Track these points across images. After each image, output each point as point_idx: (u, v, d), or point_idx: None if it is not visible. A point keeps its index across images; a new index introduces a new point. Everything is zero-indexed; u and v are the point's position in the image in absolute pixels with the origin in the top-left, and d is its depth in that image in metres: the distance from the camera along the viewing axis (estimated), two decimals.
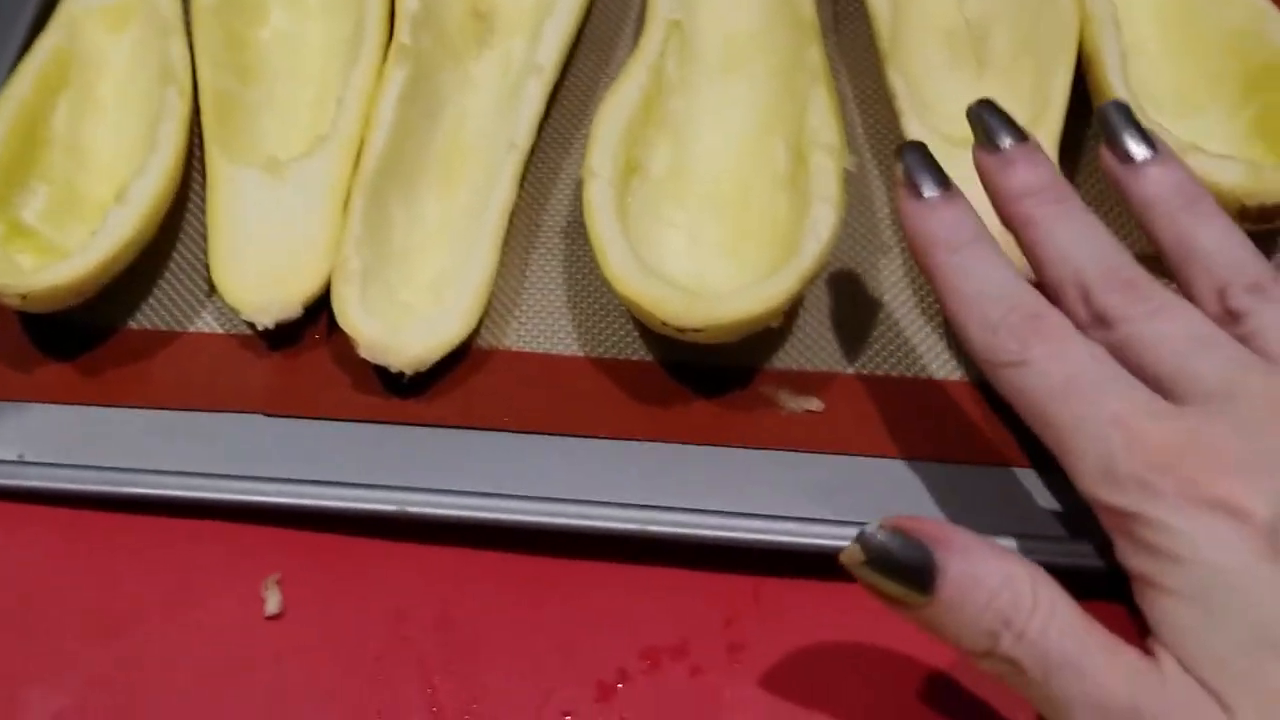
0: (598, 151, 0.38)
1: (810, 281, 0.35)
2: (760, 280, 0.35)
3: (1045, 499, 0.35)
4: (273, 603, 0.36)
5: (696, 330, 0.35)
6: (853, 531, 0.34)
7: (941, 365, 0.38)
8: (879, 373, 0.38)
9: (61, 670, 0.35)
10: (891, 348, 0.38)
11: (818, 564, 0.35)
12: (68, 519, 0.37)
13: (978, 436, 0.36)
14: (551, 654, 0.35)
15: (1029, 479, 0.36)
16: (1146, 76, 0.41)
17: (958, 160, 0.38)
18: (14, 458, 0.37)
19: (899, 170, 0.33)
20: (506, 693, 0.34)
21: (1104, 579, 0.32)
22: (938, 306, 0.39)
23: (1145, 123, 0.36)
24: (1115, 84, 0.38)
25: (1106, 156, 0.33)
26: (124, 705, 0.34)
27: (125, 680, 0.35)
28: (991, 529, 0.34)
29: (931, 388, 0.37)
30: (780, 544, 0.35)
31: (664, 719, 0.33)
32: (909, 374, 0.38)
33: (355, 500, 0.36)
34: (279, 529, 0.37)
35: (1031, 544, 0.34)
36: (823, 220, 0.36)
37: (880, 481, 0.36)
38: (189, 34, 0.44)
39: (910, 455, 0.36)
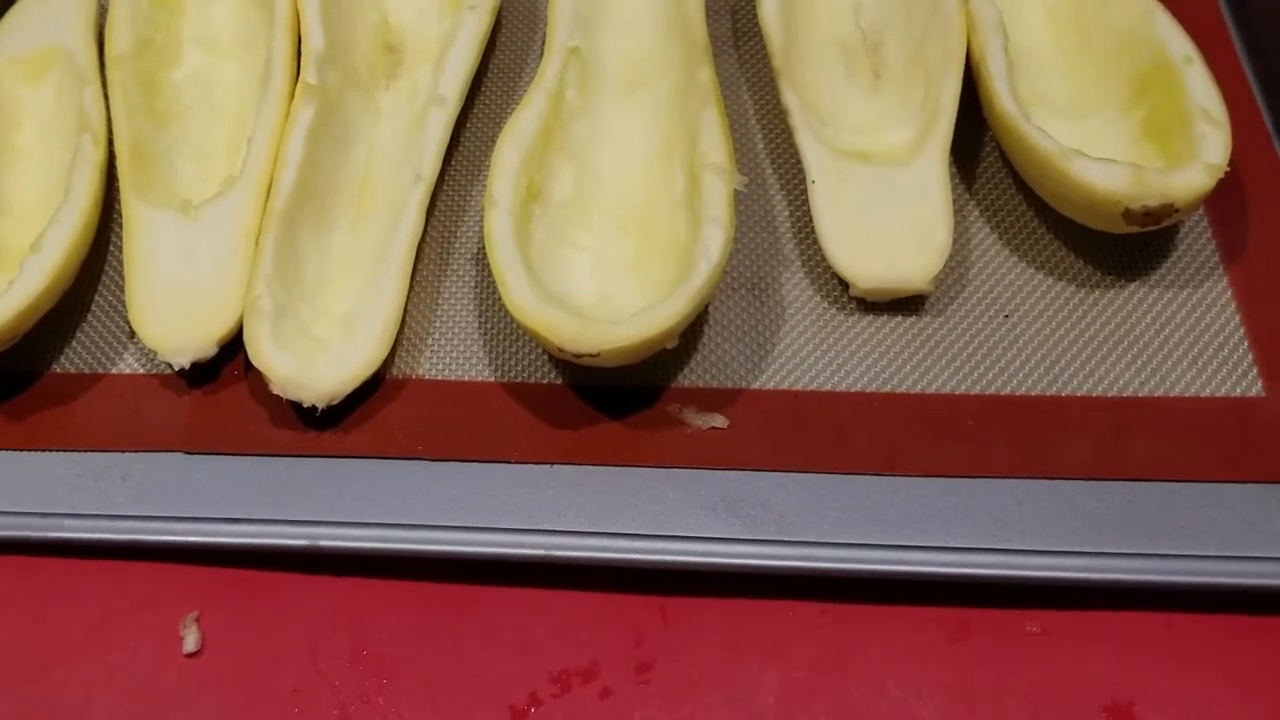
0: (498, 181, 0.39)
1: (703, 302, 0.36)
2: (657, 301, 0.36)
3: (943, 504, 0.36)
4: (191, 640, 0.36)
5: (592, 355, 0.35)
6: (759, 550, 0.35)
7: (843, 377, 0.38)
8: (782, 388, 0.38)
9: None
10: (795, 362, 0.39)
11: (724, 582, 0.36)
12: None
13: (879, 448, 0.37)
14: (464, 680, 0.35)
15: (932, 487, 0.36)
16: (1038, 80, 0.41)
17: (851, 173, 0.39)
18: None
19: None
20: None
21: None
22: (839, 319, 0.39)
23: (1031, 129, 0.36)
24: (1001, 91, 0.38)
25: None
26: None
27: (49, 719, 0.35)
28: (891, 537, 0.35)
29: (834, 400, 0.38)
30: (686, 564, 0.35)
31: None
32: (811, 388, 0.38)
33: (269, 536, 0.36)
34: (197, 566, 0.37)
35: (921, 555, 0.34)
36: (713, 241, 0.36)
37: (784, 497, 0.36)
38: (104, 81, 0.45)
39: (814, 468, 0.36)
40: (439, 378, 0.40)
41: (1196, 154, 0.36)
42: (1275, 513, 0.35)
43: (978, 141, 0.43)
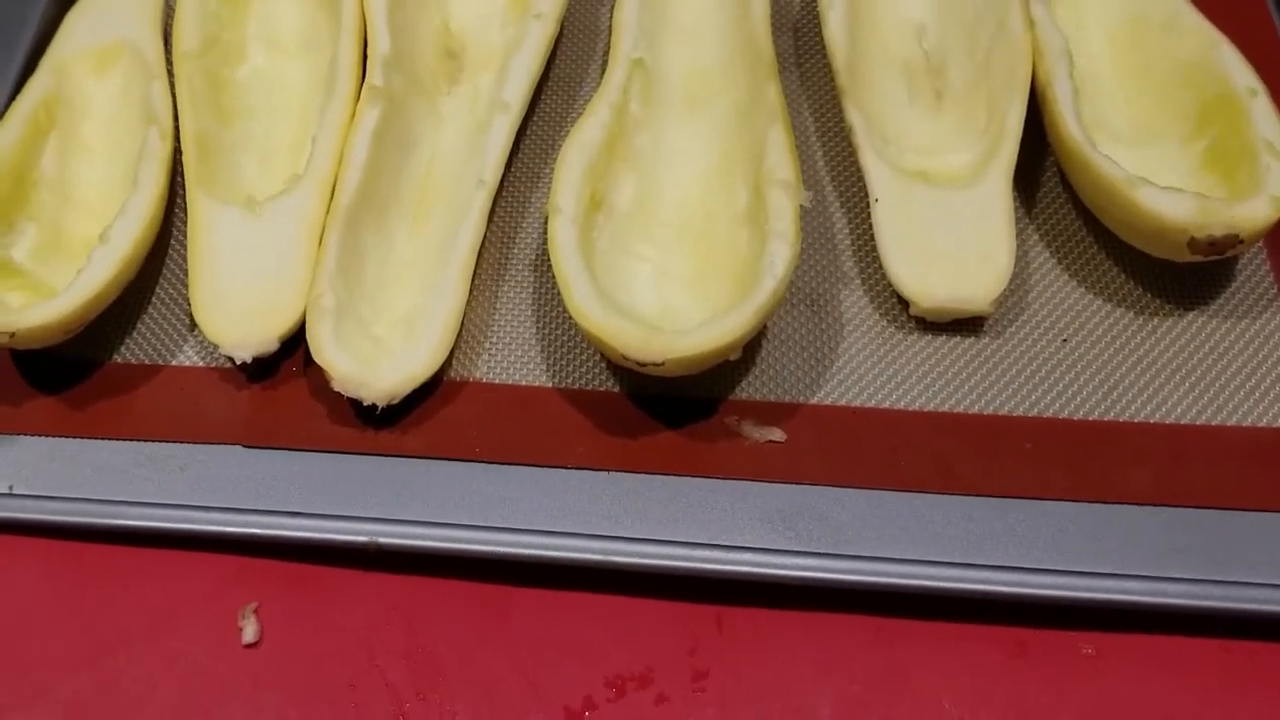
0: (562, 188, 0.39)
1: (767, 316, 0.36)
2: (723, 313, 0.36)
3: (999, 524, 0.36)
4: (249, 631, 0.37)
5: (657, 364, 0.35)
6: (813, 561, 0.35)
7: (901, 395, 0.39)
8: (840, 403, 0.38)
9: (44, 697, 0.36)
10: (853, 379, 0.39)
11: (779, 593, 0.36)
12: (51, 550, 0.39)
13: (935, 466, 0.37)
14: (519, 682, 0.36)
15: (987, 507, 0.36)
16: (1101, 107, 0.41)
17: (915, 193, 0.39)
18: (4, 490, 0.39)
19: None
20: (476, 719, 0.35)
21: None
22: (897, 337, 0.40)
23: (1098, 156, 0.36)
24: (1067, 117, 0.38)
25: None
26: None
27: (107, 706, 0.36)
28: (947, 555, 0.35)
29: (891, 418, 0.38)
30: (742, 574, 0.35)
31: None
32: (869, 404, 0.38)
33: (329, 531, 0.37)
34: (256, 559, 0.38)
35: (977, 573, 0.35)
36: (779, 256, 0.36)
37: (840, 511, 0.36)
38: (171, 77, 0.45)
39: (870, 485, 0.37)
40: (497, 381, 0.40)
41: (1261, 186, 0.36)
42: None
43: (1039, 165, 0.43)
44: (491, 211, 0.43)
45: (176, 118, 0.45)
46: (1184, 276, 0.40)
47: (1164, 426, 0.37)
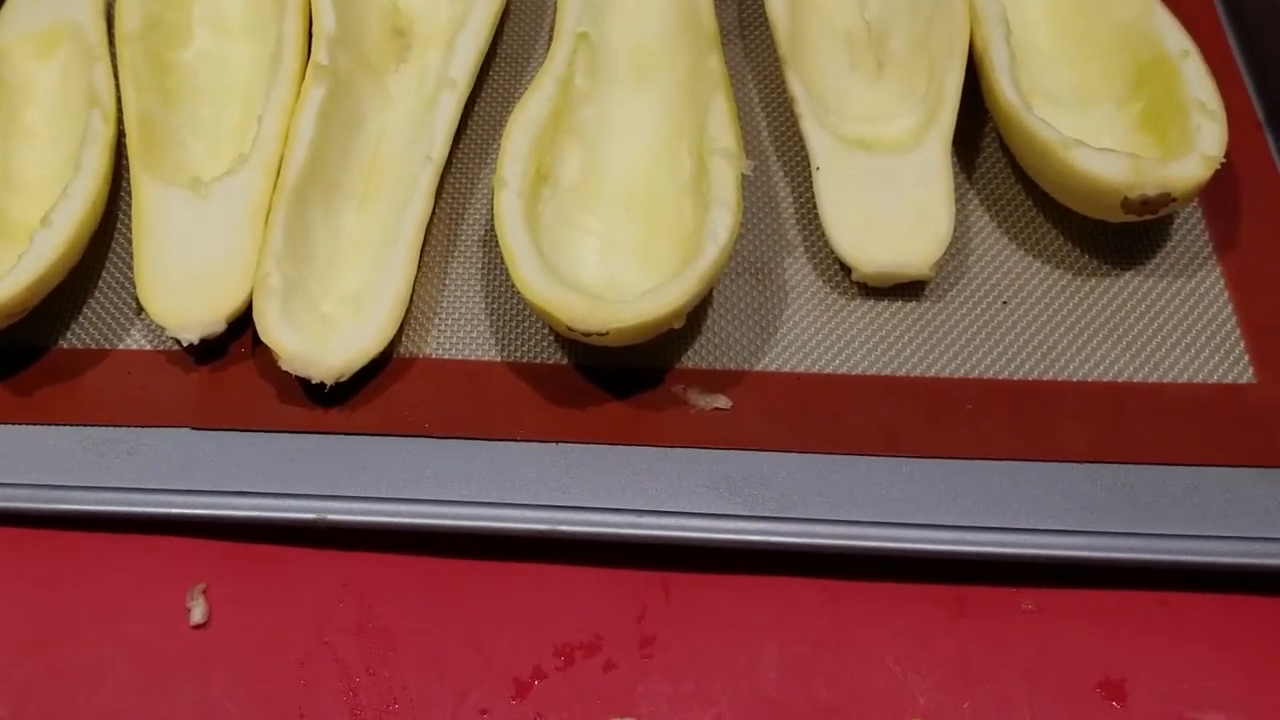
0: (508, 162, 0.39)
1: (710, 284, 0.36)
2: (666, 281, 0.36)
3: (942, 485, 0.36)
4: (198, 612, 0.37)
5: (601, 334, 0.36)
6: (759, 525, 0.36)
7: (844, 360, 0.39)
8: (785, 370, 0.39)
9: None
10: (797, 345, 0.39)
11: (725, 558, 0.37)
12: (1, 537, 0.38)
13: (879, 429, 0.37)
14: (468, 653, 0.36)
15: (929, 468, 0.37)
16: (1040, 72, 0.42)
17: (855, 160, 0.40)
18: None
19: None
20: (425, 692, 0.35)
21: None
22: (840, 303, 0.40)
23: (1033, 119, 0.37)
24: (1003, 82, 0.39)
25: None
26: (57, 714, 0.35)
27: (58, 691, 0.35)
28: (890, 516, 0.35)
29: (835, 383, 0.38)
30: (689, 539, 0.36)
31: (579, 714, 0.34)
32: (813, 370, 0.39)
33: (276, 510, 0.37)
34: (203, 540, 0.38)
35: (920, 533, 0.35)
36: (720, 224, 0.37)
37: (785, 476, 0.37)
38: (114, 59, 0.45)
39: (814, 449, 0.37)
40: (446, 357, 0.40)
41: (1193, 145, 0.37)
42: (1266, 494, 0.36)
43: (978, 131, 0.44)
44: (440, 188, 0.43)
45: (120, 100, 0.44)
46: (1120, 237, 0.41)
47: (1102, 385, 0.38)
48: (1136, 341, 0.39)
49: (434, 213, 0.42)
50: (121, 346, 0.41)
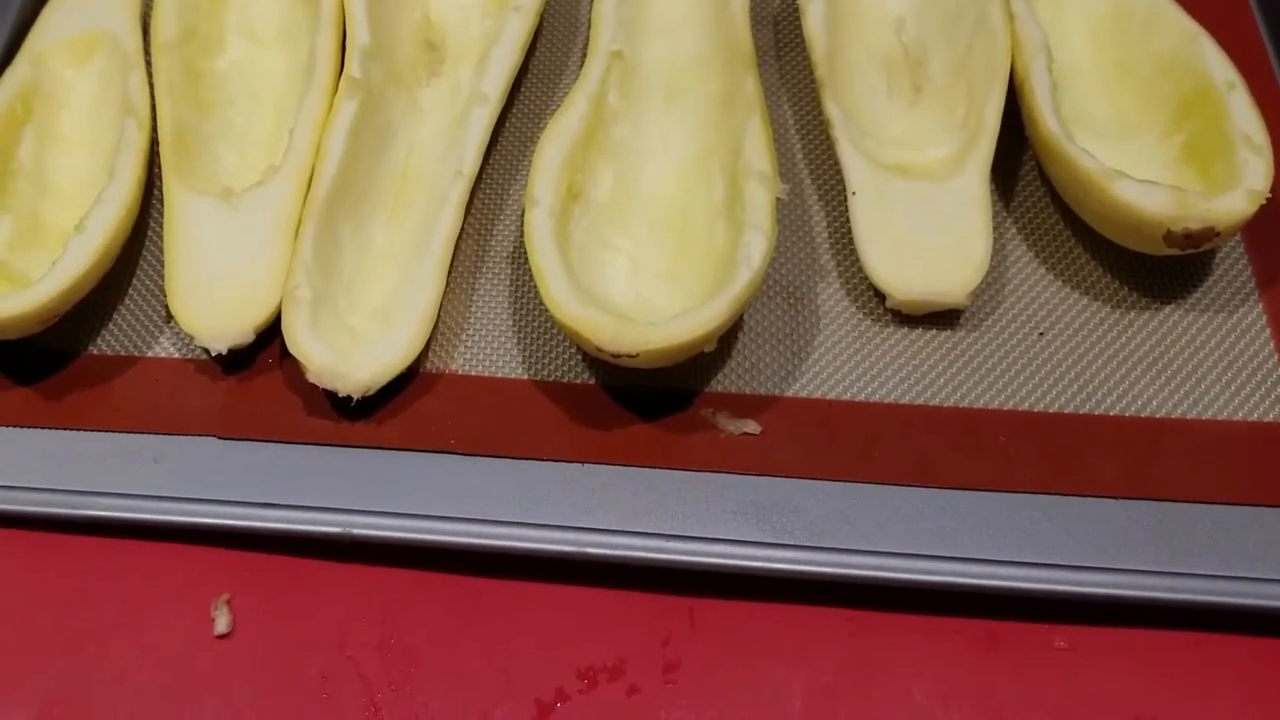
0: (539, 180, 0.39)
1: (742, 308, 0.36)
2: (698, 305, 0.36)
3: (973, 517, 0.36)
4: (222, 622, 0.37)
5: (631, 356, 0.35)
6: (786, 554, 0.35)
7: (876, 388, 0.38)
8: (815, 396, 0.38)
9: (19, 688, 0.36)
10: (829, 371, 0.39)
11: (752, 585, 0.36)
12: (26, 541, 0.38)
13: (910, 459, 0.37)
14: (491, 673, 0.35)
15: (961, 500, 0.36)
16: (1081, 101, 0.41)
17: (892, 186, 0.39)
18: None
19: None
20: (447, 711, 0.35)
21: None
22: (873, 330, 0.40)
23: (1075, 149, 0.36)
24: (1044, 111, 0.38)
25: None
26: (82, 719, 0.35)
27: (81, 698, 0.36)
28: (920, 547, 0.35)
29: (866, 411, 0.38)
30: (715, 565, 0.35)
31: None
32: (844, 397, 0.38)
33: (302, 523, 0.37)
34: (229, 550, 0.38)
35: (950, 565, 0.35)
36: (754, 248, 0.36)
37: (814, 504, 0.36)
38: (149, 67, 0.45)
39: (844, 478, 0.37)
40: (473, 373, 0.40)
41: (1238, 179, 0.36)
42: None
43: (1017, 159, 0.43)
44: (469, 203, 0.43)
45: (155, 108, 0.44)
46: (1161, 270, 0.40)
47: (1139, 420, 0.37)
48: (1175, 377, 0.38)
49: (463, 228, 0.42)
50: (151, 354, 0.41)
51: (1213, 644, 0.34)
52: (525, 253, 0.39)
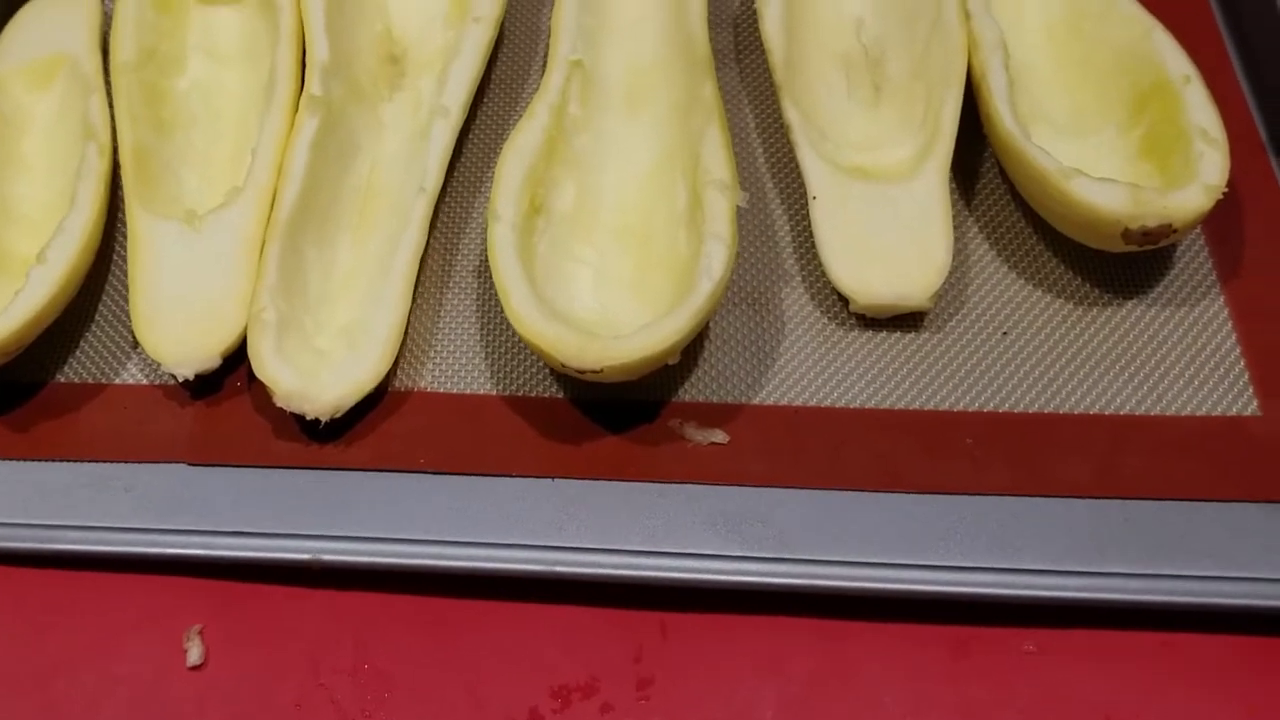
0: (501, 195, 0.39)
1: (705, 319, 0.36)
2: (660, 318, 0.36)
3: (941, 523, 0.36)
4: (195, 653, 0.36)
5: (594, 371, 0.35)
6: (758, 566, 0.35)
7: (842, 394, 0.38)
8: (782, 403, 0.38)
9: None
10: (795, 378, 0.39)
11: (724, 598, 0.36)
12: None
13: (877, 464, 0.37)
14: (464, 695, 0.35)
15: (929, 505, 0.36)
16: (1039, 97, 0.41)
17: (852, 189, 0.39)
18: None
19: None
20: None
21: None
22: (838, 335, 0.40)
23: (1031, 148, 0.36)
24: (1001, 109, 0.38)
25: None
26: None
27: None
28: (888, 553, 0.35)
29: (833, 416, 0.38)
30: (686, 581, 0.35)
31: None
32: (811, 403, 0.38)
33: (271, 550, 0.37)
34: (199, 579, 0.38)
35: (919, 574, 0.35)
36: (715, 258, 0.36)
37: (783, 513, 0.36)
38: (109, 90, 0.45)
39: (812, 485, 0.37)
40: (441, 390, 0.40)
41: (1195, 174, 0.36)
42: (1271, 530, 0.35)
43: (977, 159, 0.43)
44: (434, 219, 0.42)
45: (115, 131, 0.44)
46: (1122, 266, 0.40)
47: (1104, 417, 0.37)
48: (1139, 373, 0.38)
49: (428, 243, 0.42)
50: (118, 381, 0.41)
51: (1182, 643, 0.34)
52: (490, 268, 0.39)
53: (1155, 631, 0.35)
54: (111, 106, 0.45)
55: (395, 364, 0.40)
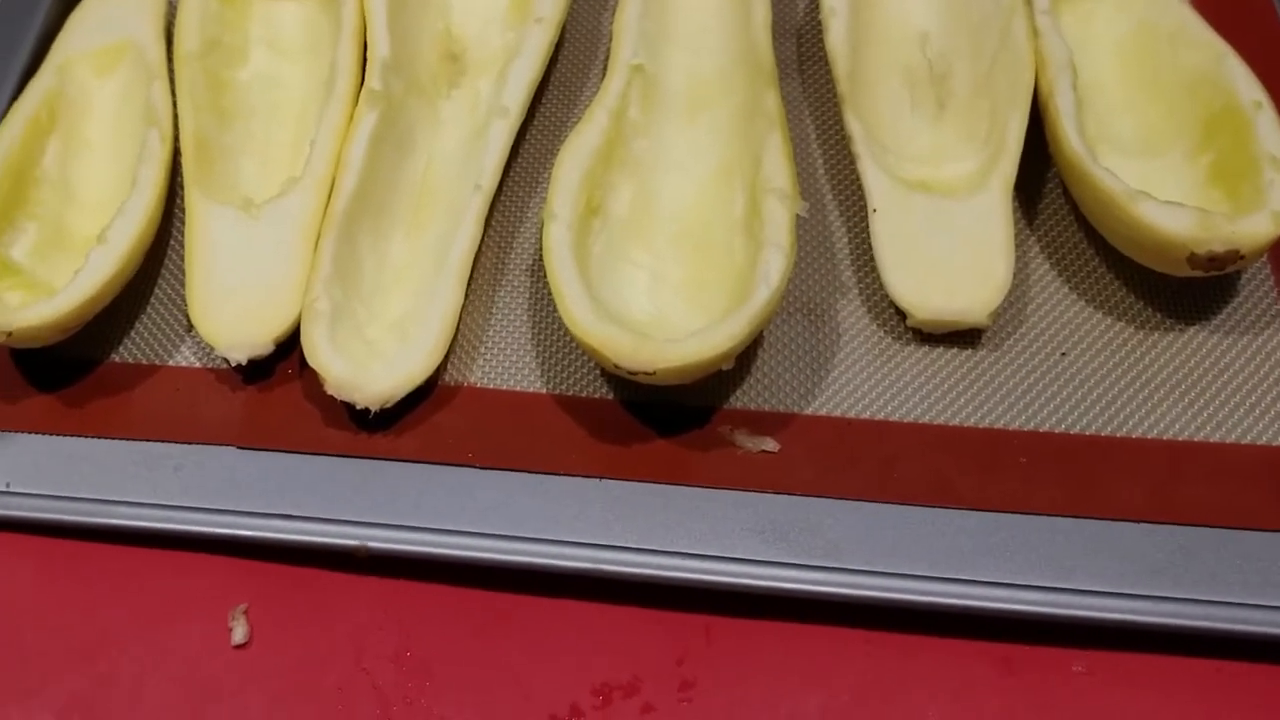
0: (558, 194, 0.39)
1: (761, 326, 0.36)
2: (715, 322, 0.36)
3: (992, 539, 0.35)
4: (239, 632, 0.37)
5: (647, 373, 0.35)
6: (803, 574, 0.35)
7: (896, 407, 0.38)
8: (835, 414, 0.38)
9: (37, 693, 0.36)
10: (848, 389, 0.39)
11: (769, 605, 0.36)
12: (46, 547, 0.39)
13: (929, 479, 0.37)
14: (506, 688, 0.35)
15: (980, 521, 0.36)
16: (1106, 118, 0.41)
17: (913, 203, 0.39)
18: (1, 487, 0.39)
19: None
20: None
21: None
22: (894, 348, 0.40)
23: (1098, 169, 0.36)
24: (1068, 129, 0.38)
25: None
26: None
27: (98, 704, 0.36)
28: (939, 569, 0.35)
29: (885, 430, 0.38)
30: (732, 585, 0.35)
31: None
32: (863, 416, 0.38)
33: (320, 535, 0.37)
34: (247, 560, 0.38)
35: (969, 589, 0.34)
36: (773, 265, 0.36)
37: (832, 523, 0.36)
38: (172, 78, 0.46)
39: (862, 497, 0.36)
40: (491, 386, 0.40)
41: (1264, 201, 0.36)
42: None
43: (1040, 176, 0.43)
44: (489, 216, 0.43)
45: (177, 118, 0.45)
46: (1185, 291, 0.40)
47: (1161, 443, 0.37)
48: (1199, 399, 0.38)
49: (483, 240, 0.42)
50: (171, 363, 0.41)
51: (1234, 672, 0.34)
52: (544, 267, 0.39)
53: (1208, 659, 0.34)
54: (174, 94, 0.45)
55: (446, 358, 0.40)
